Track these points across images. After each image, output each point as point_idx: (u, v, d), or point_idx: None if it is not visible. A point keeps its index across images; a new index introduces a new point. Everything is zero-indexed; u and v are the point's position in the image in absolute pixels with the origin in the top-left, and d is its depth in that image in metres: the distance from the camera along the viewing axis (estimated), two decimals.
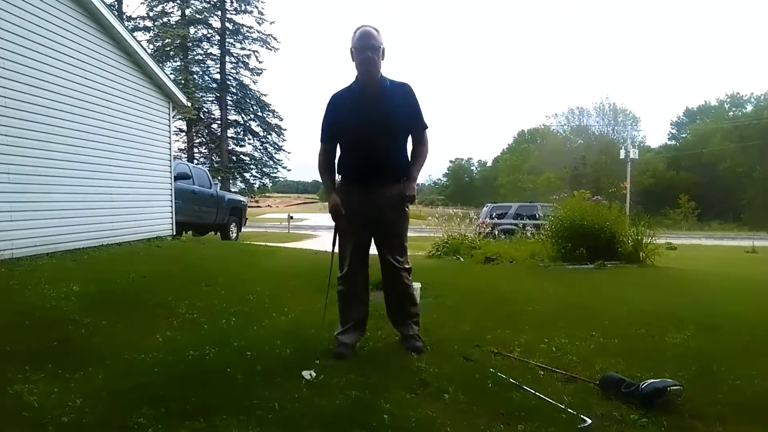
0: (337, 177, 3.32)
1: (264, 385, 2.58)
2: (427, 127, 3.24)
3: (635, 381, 2.51)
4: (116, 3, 26.48)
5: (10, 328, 3.36)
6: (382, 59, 3.10)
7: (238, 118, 35.47)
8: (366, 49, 3.02)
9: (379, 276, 3.37)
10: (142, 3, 30.77)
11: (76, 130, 7.08)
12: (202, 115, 32.97)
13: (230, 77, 34.62)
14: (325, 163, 3.24)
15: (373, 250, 3.29)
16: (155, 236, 8.87)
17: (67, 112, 6.89)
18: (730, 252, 17.98)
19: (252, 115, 35.46)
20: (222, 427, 2.13)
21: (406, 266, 3.28)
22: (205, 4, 33.04)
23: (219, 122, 34.29)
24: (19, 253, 5.85)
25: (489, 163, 77.58)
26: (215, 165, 32.62)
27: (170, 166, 9.60)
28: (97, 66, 7.54)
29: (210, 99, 34.34)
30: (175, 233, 9.64)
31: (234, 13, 33.55)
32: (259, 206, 42.94)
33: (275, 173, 37.03)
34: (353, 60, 3.09)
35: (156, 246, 8.01)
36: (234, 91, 34.68)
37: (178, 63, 32.09)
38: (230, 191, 21.49)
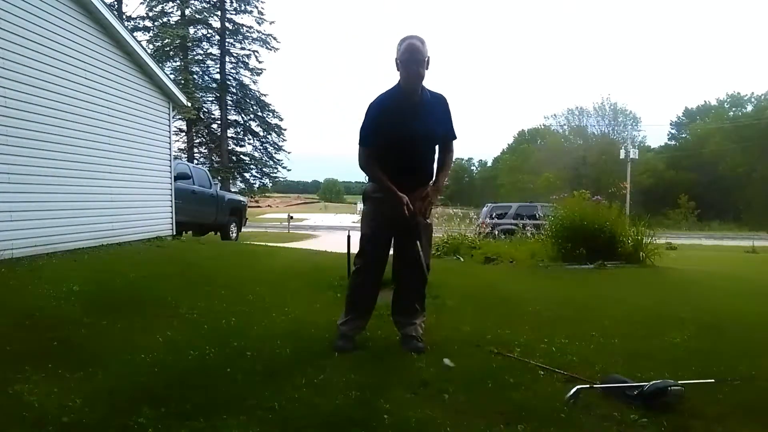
0: (364, 178, 3.37)
1: (264, 385, 2.58)
2: (456, 138, 3.32)
3: (637, 384, 2.48)
4: (116, 3, 26.50)
5: (10, 328, 3.36)
6: (427, 69, 3.12)
7: (238, 118, 35.52)
8: (413, 63, 3.05)
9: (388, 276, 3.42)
10: (141, 3, 30.82)
11: (76, 130, 7.07)
12: (202, 115, 32.98)
13: (230, 77, 34.66)
14: (373, 165, 3.19)
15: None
16: (155, 236, 8.86)
17: (67, 112, 6.88)
18: (730, 252, 17.99)
19: (252, 115, 35.49)
20: (222, 427, 2.12)
21: (428, 263, 3.32)
22: (204, 4, 33.08)
23: (219, 122, 34.30)
24: (19, 253, 5.84)
25: (489, 163, 77.69)
26: (215, 165, 32.63)
27: (170, 166, 9.60)
28: (97, 66, 7.53)
29: (210, 99, 34.36)
30: (175, 233, 9.64)
31: (234, 13, 33.62)
32: (259, 206, 42.92)
33: (275, 173, 37.10)
34: (398, 70, 3.11)
35: (156, 246, 8.01)
36: (234, 91, 34.70)
37: (178, 63, 32.11)
38: (230, 191, 21.50)
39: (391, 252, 3.39)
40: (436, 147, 3.29)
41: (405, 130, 3.12)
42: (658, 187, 45.91)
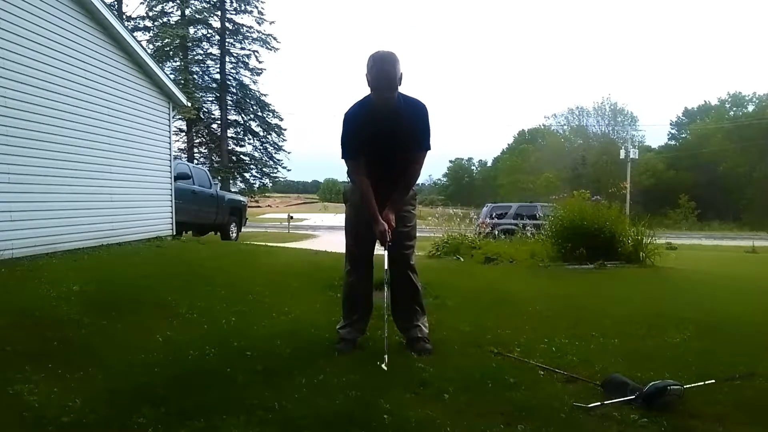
0: (347, 180, 3.40)
1: (264, 385, 2.58)
2: (428, 149, 3.23)
3: (639, 385, 2.48)
4: (116, 3, 26.47)
5: (10, 328, 3.35)
6: (400, 84, 3.06)
7: (238, 118, 35.48)
8: (383, 90, 2.99)
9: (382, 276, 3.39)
10: (141, 3, 30.80)
11: (76, 130, 7.07)
12: (202, 115, 32.93)
13: (230, 77, 34.63)
14: (361, 180, 3.14)
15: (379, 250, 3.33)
16: (155, 236, 8.86)
17: (67, 112, 6.88)
18: (730, 252, 17.97)
19: (252, 115, 35.45)
20: (222, 427, 2.12)
21: (412, 263, 3.30)
22: (204, 4, 33.03)
23: (219, 122, 34.27)
24: (19, 253, 5.84)
25: (489, 163, 77.68)
26: (215, 165, 32.60)
27: (170, 166, 9.60)
28: (97, 66, 7.54)
29: (210, 99, 34.32)
30: (175, 233, 9.64)
31: (234, 13, 33.57)
32: (259, 206, 42.84)
33: (275, 173, 37.05)
34: (368, 85, 3.04)
35: (156, 246, 8.01)
36: (234, 91, 34.67)
37: (178, 63, 32.08)
38: (230, 191, 21.49)
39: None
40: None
41: (379, 139, 3.10)
42: (658, 187, 45.90)
